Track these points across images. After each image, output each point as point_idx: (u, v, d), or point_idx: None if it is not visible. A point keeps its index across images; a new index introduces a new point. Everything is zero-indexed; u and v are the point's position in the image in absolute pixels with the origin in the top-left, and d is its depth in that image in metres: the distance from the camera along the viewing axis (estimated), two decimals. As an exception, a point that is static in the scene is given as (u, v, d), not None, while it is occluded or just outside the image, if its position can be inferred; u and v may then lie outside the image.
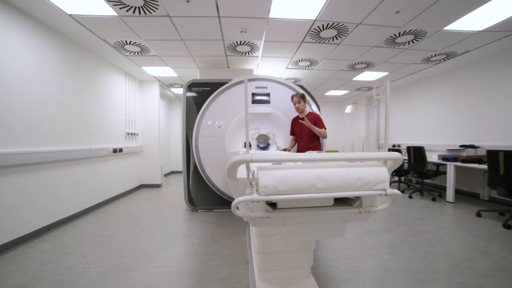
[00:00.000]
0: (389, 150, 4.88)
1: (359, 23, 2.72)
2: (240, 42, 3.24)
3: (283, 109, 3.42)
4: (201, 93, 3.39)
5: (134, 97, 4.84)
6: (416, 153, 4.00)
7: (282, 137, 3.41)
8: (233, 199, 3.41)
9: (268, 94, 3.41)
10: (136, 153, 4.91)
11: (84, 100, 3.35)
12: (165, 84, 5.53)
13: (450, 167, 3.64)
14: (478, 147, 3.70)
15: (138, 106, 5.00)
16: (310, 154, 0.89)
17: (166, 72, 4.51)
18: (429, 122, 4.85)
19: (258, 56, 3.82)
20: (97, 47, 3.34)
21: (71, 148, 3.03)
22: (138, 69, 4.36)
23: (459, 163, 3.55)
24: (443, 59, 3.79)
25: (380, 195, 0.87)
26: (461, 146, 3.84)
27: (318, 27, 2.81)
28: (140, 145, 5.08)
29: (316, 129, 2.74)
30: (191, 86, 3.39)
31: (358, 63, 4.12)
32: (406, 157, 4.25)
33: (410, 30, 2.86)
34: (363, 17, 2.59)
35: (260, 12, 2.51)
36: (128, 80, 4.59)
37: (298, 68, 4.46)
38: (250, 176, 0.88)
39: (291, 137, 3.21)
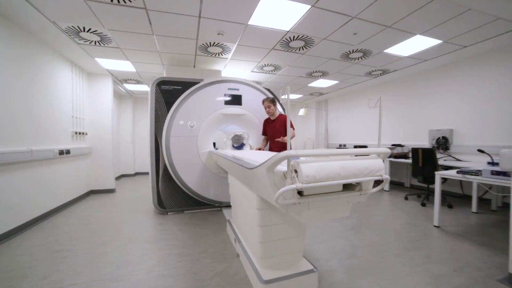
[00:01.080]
0: (337, 148, 5.63)
1: (324, 38, 3.13)
2: (214, 43, 3.27)
3: (253, 110, 3.61)
4: (171, 91, 3.27)
5: (82, 91, 4.25)
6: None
7: (253, 137, 3.59)
8: (206, 199, 3.48)
9: (240, 96, 3.54)
10: (84, 155, 4.31)
11: (23, 92, 2.82)
12: (118, 79, 5.02)
13: (386, 162, 4.48)
14: (403, 146, 4.65)
15: (86, 102, 4.41)
16: (337, 150, 1.09)
17: (124, 66, 4.13)
18: (368, 125, 5.80)
19: (227, 58, 3.90)
20: (40, 29, 2.84)
21: (7, 150, 2.53)
22: (89, 60, 3.87)
23: (392, 159, 4.40)
24: (380, 74, 4.63)
25: (381, 180, 1.14)
26: (392, 145, 4.75)
27: (290, 37, 3.11)
28: (89, 145, 4.48)
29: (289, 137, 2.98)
30: (160, 83, 3.24)
31: (315, 71, 4.63)
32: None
33: (361, 49, 3.44)
34: (328, 34, 3.00)
35: (241, 18, 2.63)
36: (76, 72, 4.01)
37: (262, 72, 4.71)
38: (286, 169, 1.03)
39: (263, 137, 3.42)
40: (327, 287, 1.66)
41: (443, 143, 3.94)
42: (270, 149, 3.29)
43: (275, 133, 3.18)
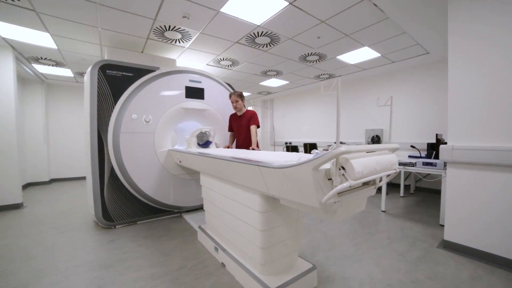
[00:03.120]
0: (286, 146, 5.94)
1: (290, 38, 3.19)
2: (174, 27, 2.87)
3: (216, 106, 3.38)
4: (120, 79, 2.70)
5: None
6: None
7: (217, 134, 3.35)
8: (165, 205, 3.21)
9: (202, 90, 3.25)
10: (-28, 159, 3.08)
11: None
12: (25, 56, 3.79)
13: (332, 158, 5.01)
14: (344, 143, 5.29)
15: (-28, 85, 3.15)
16: (375, 145, 1.09)
17: (39, 38, 3.11)
18: (315, 124, 6.33)
19: (184, 47, 3.51)
20: None
21: None
22: (-19, 26, 2.76)
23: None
24: (327, 77, 5.12)
25: (395, 172, 1.22)
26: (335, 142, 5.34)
27: (257, 32, 3.03)
28: (-20, 146, 3.23)
29: (253, 138, 2.83)
30: (105, 67, 2.62)
31: (271, 70, 4.72)
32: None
33: (319, 52, 3.69)
34: (295, 34, 3.08)
35: (214, 2, 2.38)
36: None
37: (218, 66, 4.48)
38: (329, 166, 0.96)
39: (229, 133, 3.24)
40: (326, 281, 1.69)
41: (376, 140, 4.68)
42: (237, 146, 3.15)
43: (241, 129, 3.05)
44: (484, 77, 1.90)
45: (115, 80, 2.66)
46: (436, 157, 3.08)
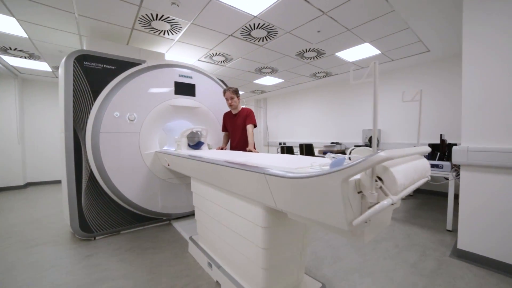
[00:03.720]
0: (281, 147, 5.74)
1: (289, 32, 2.98)
2: (162, 16, 2.60)
3: (208, 103, 3.13)
4: (100, 71, 2.40)
5: None
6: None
7: (209, 134, 3.10)
8: (151, 212, 2.88)
9: (193, 86, 2.98)
10: None
11: None
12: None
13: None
14: (341, 144, 5.15)
15: None
16: (412, 149, 0.88)
17: (1, 23, 2.72)
18: (309, 124, 6.16)
19: (173, 40, 3.23)
20: None
21: None
22: None
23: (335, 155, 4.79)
24: (323, 76, 4.95)
25: (428, 179, 1.02)
26: (332, 143, 5.19)
27: (254, 24, 2.80)
28: None
29: (250, 138, 2.61)
30: (82, 58, 2.31)
31: (266, 67, 4.49)
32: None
33: (317, 48, 3.50)
34: (294, 27, 2.87)
35: (207, -12, 2.14)
36: None
37: (210, 62, 4.22)
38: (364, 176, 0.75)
39: (223, 133, 3.00)
40: (337, 302, 1.48)
41: (373, 140, 4.55)
42: (232, 148, 2.91)
43: (236, 129, 2.81)
44: (504, 71, 1.75)
45: (95, 73, 2.36)
46: (440, 158, 2.95)
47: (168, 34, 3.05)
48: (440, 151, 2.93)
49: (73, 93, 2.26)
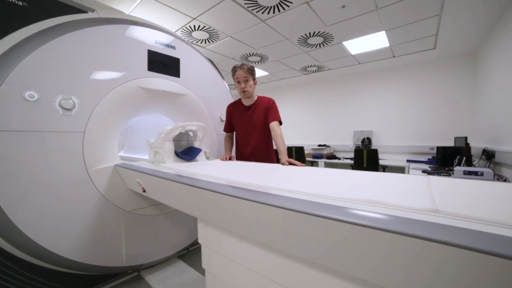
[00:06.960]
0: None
1: (307, 1, 2.26)
2: None
3: (198, 90, 2.13)
4: None
5: None
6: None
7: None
8: (110, 268, 1.89)
9: (177, 61, 1.96)
10: None
11: None
12: None
13: (321, 163, 4.32)
14: (329, 146, 4.70)
15: None
16: None
17: None
18: (294, 125, 5.54)
19: (141, -8, 2.14)
20: None
21: None
22: None
23: (326, 160, 4.29)
24: (315, 70, 4.42)
25: None
26: (319, 145, 4.69)
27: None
28: None
29: (280, 143, 1.75)
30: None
31: (255, 54, 3.69)
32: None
33: (327, 33, 2.93)
34: (320, -6, 2.17)
35: None
36: None
37: (189, 38, 3.17)
38: None
39: (225, 135, 2.08)
40: None
41: (367, 144, 4.23)
42: (242, 156, 1.97)
43: (251, 127, 1.89)
44: None
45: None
46: (459, 163, 2.69)
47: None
48: (466, 155, 2.65)
49: None
